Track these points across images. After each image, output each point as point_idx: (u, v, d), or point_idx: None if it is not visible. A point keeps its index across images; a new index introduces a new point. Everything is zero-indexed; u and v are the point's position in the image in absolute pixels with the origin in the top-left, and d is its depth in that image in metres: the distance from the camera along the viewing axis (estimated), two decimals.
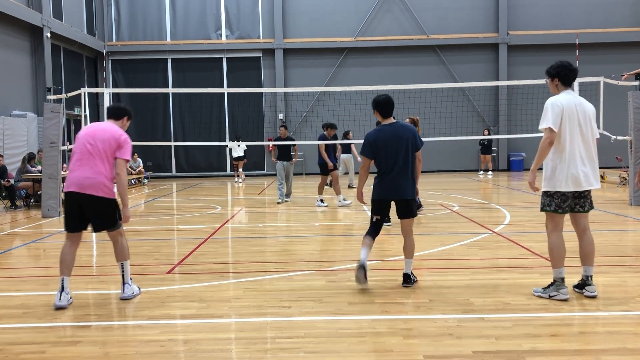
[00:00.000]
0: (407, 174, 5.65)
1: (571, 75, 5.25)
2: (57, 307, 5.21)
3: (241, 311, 5.06)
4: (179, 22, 25.72)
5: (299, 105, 25.00)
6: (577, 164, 5.10)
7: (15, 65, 18.79)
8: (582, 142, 5.14)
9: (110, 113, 5.79)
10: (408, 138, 5.63)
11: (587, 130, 5.17)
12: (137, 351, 4.16)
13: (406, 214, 5.76)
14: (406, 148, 5.61)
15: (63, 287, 5.26)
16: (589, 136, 5.19)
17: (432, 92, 20.26)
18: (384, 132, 5.68)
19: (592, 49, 24.39)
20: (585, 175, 5.13)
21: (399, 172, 5.62)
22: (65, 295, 5.26)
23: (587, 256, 5.28)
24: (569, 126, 5.10)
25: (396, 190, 5.66)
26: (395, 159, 5.61)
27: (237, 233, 9.78)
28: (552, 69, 5.30)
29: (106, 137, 5.43)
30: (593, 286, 5.27)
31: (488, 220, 10.40)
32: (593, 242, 5.31)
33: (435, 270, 6.61)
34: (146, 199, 16.40)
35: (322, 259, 7.29)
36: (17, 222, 11.62)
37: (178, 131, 25.85)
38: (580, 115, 5.15)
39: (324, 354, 4.05)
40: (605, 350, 4.00)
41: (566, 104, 5.12)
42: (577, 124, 5.12)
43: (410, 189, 5.70)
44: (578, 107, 5.16)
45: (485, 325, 4.55)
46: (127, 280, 5.59)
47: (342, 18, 25.24)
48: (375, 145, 5.67)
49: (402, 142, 5.61)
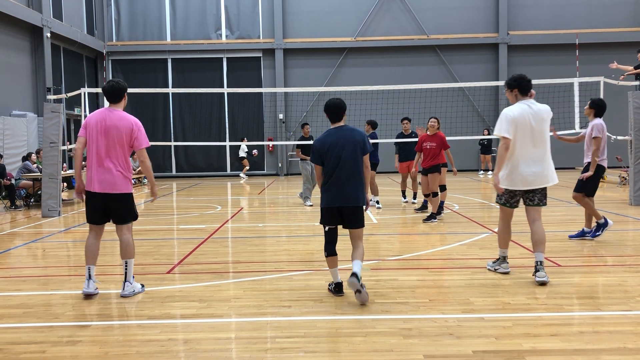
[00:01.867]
0: (356, 180, 5.32)
1: (528, 85, 5.91)
2: (85, 293, 5.52)
3: (241, 311, 5.07)
4: (179, 22, 25.72)
5: (299, 105, 25.00)
6: (527, 166, 5.77)
7: (15, 65, 18.79)
8: (533, 146, 5.78)
9: (112, 97, 5.69)
10: (356, 142, 5.32)
11: (540, 134, 5.79)
12: (137, 351, 4.16)
13: (354, 223, 5.35)
14: (353, 153, 5.29)
15: (90, 275, 5.57)
16: (542, 139, 5.81)
17: (432, 92, 20.26)
18: (331, 136, 5.38)
19: (592, 49, 24.39)
20: (535, 175, 5.79)
21: (346, 178, 5.28)
22: (92, 283, 5.57)
23: (536, 244, 5.89)
24: (520, 133, 5.74)
25: (345, 197, 5.29)
26: (341, 164, 5.27)
27: (237, 233, 9.78)
28: (512, 81, 5.92)
29: (120, 132, 5.52)
30: (542, 272, 5.75)
31: (488, 220, 10.40)
32: (543, 231, 5.90)
33: (435, 270, 6.61)
34: (146, 198, 16.41)
35: (322, 259, 7.28)
36: (17, 221, 11.62)
37: (178, 131, 25.85)
38: (533, 121, 5.76)
39: (324, 354, 4.05)
40: (605, 350, 4.00)
41: (518, 113, 5.77)
42: (528, 130, 5.75)
43: (360, 195, 5.33)
44: (531, 115, 5.77)
45: (485, 325, 4.55)
46: (129, 279, 5.62)
47: (342, 18, 25.24)
48: (322, 151, 5.35)
49: (349, 146, 5.29)
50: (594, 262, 6.83)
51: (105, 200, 5.57)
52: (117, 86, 5.69)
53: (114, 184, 5.52)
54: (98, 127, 5.54)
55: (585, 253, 7.32)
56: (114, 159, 5.52)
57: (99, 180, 5.51)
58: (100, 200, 5.57)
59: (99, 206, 5.60)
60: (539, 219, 5.96)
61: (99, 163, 5.52)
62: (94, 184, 5.53)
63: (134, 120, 5.63)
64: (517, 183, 5.84)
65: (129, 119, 5.62)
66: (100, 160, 5.51)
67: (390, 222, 10.79)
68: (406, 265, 6.90)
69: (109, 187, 5.52)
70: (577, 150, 24.30)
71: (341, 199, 5.31)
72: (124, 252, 5.65)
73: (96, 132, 5.54)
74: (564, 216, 10.81)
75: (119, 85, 5.71)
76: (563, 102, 16.24)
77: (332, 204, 5.35)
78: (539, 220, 5.95)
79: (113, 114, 5.60)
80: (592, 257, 7.09)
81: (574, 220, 10.32)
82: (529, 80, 5.93)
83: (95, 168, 5.53)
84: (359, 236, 5.41)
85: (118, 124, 5.54)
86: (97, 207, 5.61)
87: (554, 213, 11.24)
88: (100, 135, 5.52)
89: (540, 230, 5.89)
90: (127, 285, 5.59)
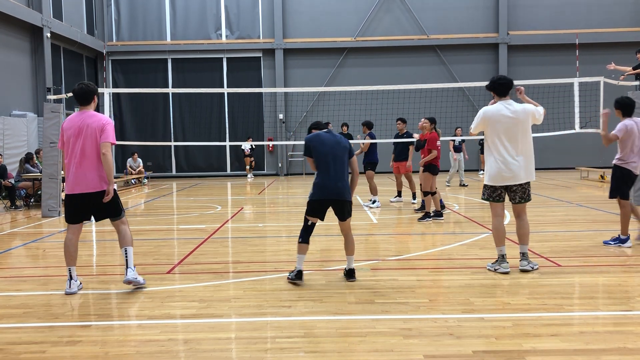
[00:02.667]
0: (345, 177, 5.94)
1: (500, 88, 6.22)
2: (67, 294, 5.67)
3: (241, 311, 5.07)
4: (179, 22, 25.72)
5: (299, 105, 25.00)
6: (503, 163, 6.08)
7: (15, 65, 18.79)
8: (510, 143, 6.07)
9: (81, 100, 5.84)
10: (345, 146, 6.00)
11: (516, 133, 6.06)
12: (137, 351, 4.16)
13: (346, 215, 5.99)
14: (342, 155, 5.94)
15: (71, 276, 5.73)
16: (518, 137, 6.07)
17: (432, 92, 20.25)
18: (321, 136, 6.03)
19: (592, 49, 24.38)
20: (511, 172, 6.09)
21: (336, 174, 5.87)
22: (74, 283, 5.74)
23: (521, 237, 6.33)
24: (495, 131, 6.10)
25: (336, 190, 5.86)
26: (332, 162, 5.88)
27: (237, 233, 9.78)
28: (489, 83, 6.34)
29: (93, 130, 5.65)
30: (524, 261, 6.26)
31: (488, 220, 10.38)
32: (526, 225, 6.32)
33: (435, 270, 6.61)
34: (146, 198, 16.41)
35: (322, 259, 7.29)
36: (17, 222, 11.62)
37: (178, 131, 25.85)
38: (509, 120, 6.06)
39: (324, 353, 4.05)
40: (605, 350, 4.00)
41: (492, 112, 6.15)
42: (503, 129, 6.07)
43: (348, 191, 5.95)
44: (507, 114, 6.08)
45: (485, 325, 4.55)
46: (131, 265, 5.80)
47: (342, 18, 25.24)
48: (313, 148, 5.96)
49: (340, 147, 5.97)
50: (594, 262, 6.83)
51: (87, 200, 5.69)
52: (86, 89, 5.87)
53: (93, 183, 5.65)
54: (71, 130, 5.71)
55: (585, 253, 7.32)
56: (89, 158, 5.65)
57: (79, 182, 5.65)
58: (82, 200, 5.69)
59: (80, 207, 5.74)
60: (524, 213, 6.36)
61: (76, 164, 5.66)
62: (74, 186, 5.67)
63: (105, 118, 5.84)
64: (496, 179, 6.16)
65: (100, 116, 5.81)
66: (78, 162, 5.65)
67: (390, 222, 10.80)
68: (406, 265, 6.90)
69: (87, 186, 5.64)
70: (576, 150, 24.31)
71: (334, 193, 5.92)
72: (122, 240, 5.85)
73: (70, 136, 5.70)
74: (564, 216, 10.81)
75: (89, 87, 5.90)
76: (563, 102, 16.25)
77: (325, 197, 5.94)
78: (524, 214, 6.36)
79: (84, 115, 5.78)
80: (592, 257, 7.09)
81: (575, 220, 10.33)
82: (504, 82, 6.22)
83: (74, 171, 5.67)
84: (348, 227, 6.08)
85: (90, 121, 5.70)
86: (79, 208, 5.75)
87: (554, 213, 11.24)
88: (74, 137, 5.68)
89: (525, 224, 6.32)
90: (129, 271, 5.75)
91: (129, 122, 25.67)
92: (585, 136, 16.08)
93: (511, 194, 6.25)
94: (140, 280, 5.82)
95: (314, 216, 6.02)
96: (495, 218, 6.32)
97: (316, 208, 5.97)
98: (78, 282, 5.84)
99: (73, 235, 5.80)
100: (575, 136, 14.62)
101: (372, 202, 12.50)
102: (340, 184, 5.88)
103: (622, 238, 7.60)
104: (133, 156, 22.25)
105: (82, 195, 5.66)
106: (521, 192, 6.23)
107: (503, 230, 6.29)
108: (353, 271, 6.04)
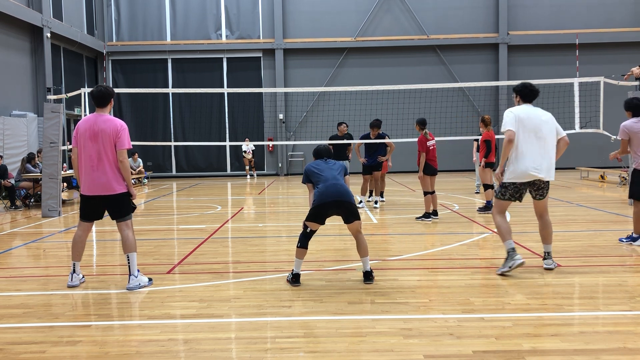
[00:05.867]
0: (344, 184, 6.08)
1: (530, 94, 6.33)
2: (69, 286, 5.89)
3: (241, 311, 5.06)
4: (179, 22, 25.72)
5: (299, 105, 25.00)
6: (529, 160, 6.08)
7: (15, 65, 18.79)
8: (537, 142, 6.13)
9: (99, 102, 5.92)
10: (339, 169, 6.20)
11: (542, 132, 6.14)
12: (137, 351, 4.16)
13: (353, 216, 5.95)
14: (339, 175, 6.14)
15: (74, 270, 5.95)
16: (544, 136, 6.15)
17: (432, 92, 20.25)
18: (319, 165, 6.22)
19: (592, 49, 24.39)
20: (536, 170, 6.10)
21: (335, 180, 5.99)
22: (76, 276, 5.96)
23: (545, 236, 6.38)
24: (522, 130, 6.12)
25: (339, 193, 5.88)
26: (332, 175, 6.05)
27: (237, 233, 9.78)
28: (517, 87, 6.44)
29: (108, 134, 5.76)
30: (549, 260, 6.32)
31: (488, 220, 10.39)
32: (549, 225, 6.36)
33: (435, 270, 6.61)
34: (146, 198, 16.41)
35: (323, 259, 7.29)
36: (17, 222, 11.62)
37: (178, 131, 25.85)
38: (534, 121, 6.15)
39: (324, 353, 4.05)
40: (605, 350, 4.00)
41: (521, 111, 6.21)
42: (530, 128, 6.13)
43: (349, 193, 5.98)
44: (532, 116, 6.18)
45: (485, 325, 4.55)
46: (134, 272, 5.84)
47: (342, 18, 25.24)
48: (312, 174, 6.14)
49: (336, 168, 6.19)
50: (594, 262, 6.83)
51: (101, 202, 5.88)
52: (105, 92, 5.96)
53: (108, 186, 5.78)
54: (87, 133, 5.79)
55: (585, 253, 7.32)
56: (105, 162, 5.76)
57: (94, 184, 5.78)
58: (96, 202, 5.88)
59: (94, 208, 5.94)
60: (546, 213, 6.38)
61: (92, 167, 5.77)
62: (89, 188, 5.81)
63: (120, 122, 5.90)
64: (520, 176, 6.14)
65: (115, 121, 5.89)
66: (93, 165, 5.76)
67: (390, 222, 10.80)
68: (406, 265, 6.90)
69: (103, 189, 5.79)
70: (576, 150, 24.35)
71: (337, 194, 5.96)
72: (125, 246, 5.92)
73: (85, 138, 5.79)
74: (564, 216, 10.81)
75: (108, 91, 5.99)
76: (563, 102, 16.24)
77: (329, 199, 5.93)
78: (546, 214, 6.38)
79: (100, 119, 5.85)
80: (592, 257, 7.09)
81: (575, 220, 10.33)
82: (535, 90, 6.33)
83: (89, 172, 5.78)
84: (357, 228, 6.02)
85: (105, 127, 5.78)
86: (93, 209, 5.95)
87: (554, 213, 11.23)
88: (90, 141, 5.77)
89: (548, 223, 6.37)
90: (132, 279, 5.81)
91: (129, 122, 25.34)
92: (585, 136, 16.06)
93: (536, 190, 6.25)
94: (142, 284, 5.83)
95: (315, 222, 5.94)
96: (498, 215, 6.33)
97: (319, 213, 5.90)
98: (81, 275, 6.04)
99: (83, 232, 6.00)
100: (575, 136, 14.52)
101: (359, 202, 12.43)
102: (341, 188, 5.94)
103: (634, 236, 7.74)
104: (133, 156, 22.22)
105: (97, 197, 5.83)
106: (545, 188, 6.25)
107: (508, 224, 6.34)
108: (369, 273, 5.97)
